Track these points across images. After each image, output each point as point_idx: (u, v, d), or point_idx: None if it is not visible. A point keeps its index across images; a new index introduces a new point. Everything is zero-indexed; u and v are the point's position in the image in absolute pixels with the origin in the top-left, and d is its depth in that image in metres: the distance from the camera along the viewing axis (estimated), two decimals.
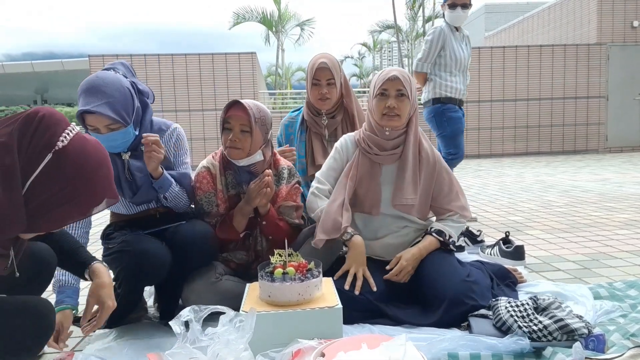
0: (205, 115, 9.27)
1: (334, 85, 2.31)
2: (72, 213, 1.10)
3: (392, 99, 1.82)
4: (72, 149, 1.07)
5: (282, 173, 1.95)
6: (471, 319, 1.60)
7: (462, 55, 3.53)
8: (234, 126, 1.80)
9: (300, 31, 19.09)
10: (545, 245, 2.82)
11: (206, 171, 1.90)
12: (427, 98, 3.59)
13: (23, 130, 1.05)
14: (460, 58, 3.51)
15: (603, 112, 9.96)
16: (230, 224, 1.84)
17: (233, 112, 1.80)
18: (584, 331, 1.42)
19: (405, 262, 1.81)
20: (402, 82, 1.81)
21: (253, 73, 9.50)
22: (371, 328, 1.63)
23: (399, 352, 1.19)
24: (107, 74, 1.65)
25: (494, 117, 9.84)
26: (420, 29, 17.16)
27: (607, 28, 9.84)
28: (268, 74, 24.21)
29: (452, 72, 3.50)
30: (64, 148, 1.06)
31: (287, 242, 1.67)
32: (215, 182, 1.89)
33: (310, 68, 2.31)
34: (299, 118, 2.46)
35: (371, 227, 1.96)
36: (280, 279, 1.48)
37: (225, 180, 1.90)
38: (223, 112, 1.82)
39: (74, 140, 1.08)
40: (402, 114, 1.84)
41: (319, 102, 2.33)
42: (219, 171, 1.90)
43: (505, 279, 1.98)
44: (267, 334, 1.40)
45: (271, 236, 1.90)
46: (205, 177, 1.88)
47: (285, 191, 1.93)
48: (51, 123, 1.07)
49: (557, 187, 5.25)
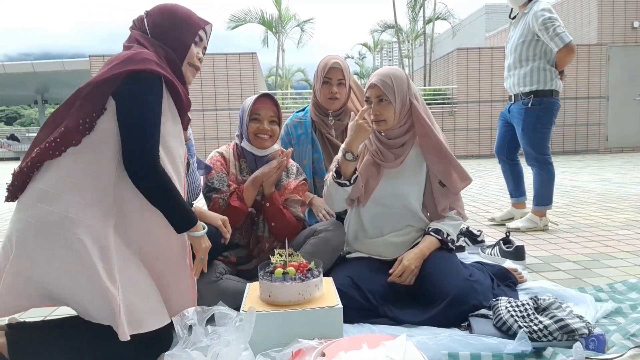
0: (205, 115, 9.27)
1: (343, 86, 2.33)
2: (184, 30, 1.51)
3: (374, 105, 1.87)
4: (152, 9, 1.52)
5: (290, 169, 2.08)
6: (471, 318, 1.60)
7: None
8: (264, 117, 1.93)
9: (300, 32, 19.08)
10: (546, 245, 2.82)
11: (220, 155, 2.02)
12: (538, 88, 3.08)
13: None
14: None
15: (603, 113, 9.97)
16: (240, 196, 1.90)
17: (263, 104, 1.94)
18: (584, 331, 1.42)
19: (407, 262, 1.81)
20: (382, 89, 1.84)
21: (253, 73, 9.51)
22: (371, 328, 1.63)
23: (399, 351, 1.19)
24: None
25: (494, 117, 9.84)
26: (420, 29, 17.16)
27: (607, 29, 9.85)
28: (269, 74, 24.22)
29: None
30: (148, 12, 1.52)
31: (289, 235, 1.76)
32: (229, 166, 2.00)
33: (322, 67, 2.32)
34: (307, 118, 2.43)
35: (377, 224, 1.97)
36: (281, 278, 1.48)
37: (239, 165, 2.01)
38: (252, 104, 1.94)
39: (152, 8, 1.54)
40: (387, 118, 1.87)
41: (328, 102, 2.33)
42: (233, 157, 2.02)
43: (505, 279, 1.98)
44: (268, 333, 1.39)
45: (273, 222, 1.94)
46: (219, 160, 2.00)
47: (293, 185, 2.03)
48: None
49: (558, 188, 5.23)
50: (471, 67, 9.86)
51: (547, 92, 3.08)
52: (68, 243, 1.25)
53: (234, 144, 2.06)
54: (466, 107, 9.92)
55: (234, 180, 1.97)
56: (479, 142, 9.94)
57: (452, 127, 9.87)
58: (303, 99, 12.37)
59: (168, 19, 1.50)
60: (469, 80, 9.87)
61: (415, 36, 18.99)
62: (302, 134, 2.39)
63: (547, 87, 3.08)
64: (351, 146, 1.81)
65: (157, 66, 1.36)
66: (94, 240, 1.27)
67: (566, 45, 2.94)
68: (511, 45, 3.22)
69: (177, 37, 1.49)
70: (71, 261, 1.25)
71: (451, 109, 10.00)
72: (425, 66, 14.11)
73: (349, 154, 1.81)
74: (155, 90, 1.36)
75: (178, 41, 1.49)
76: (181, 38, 1.50)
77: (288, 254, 1.58)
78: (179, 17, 1.52)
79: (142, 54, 1.36)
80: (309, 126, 2.41)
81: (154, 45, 1.46)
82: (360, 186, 1.91)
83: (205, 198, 1.99)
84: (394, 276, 1.80)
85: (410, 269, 1.80)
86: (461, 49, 10.05)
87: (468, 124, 9.93)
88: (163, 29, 1.49)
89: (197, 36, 1.54)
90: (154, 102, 1.36)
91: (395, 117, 1.88)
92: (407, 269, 1.80)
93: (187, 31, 1.52)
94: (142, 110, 1.33)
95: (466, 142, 9.98)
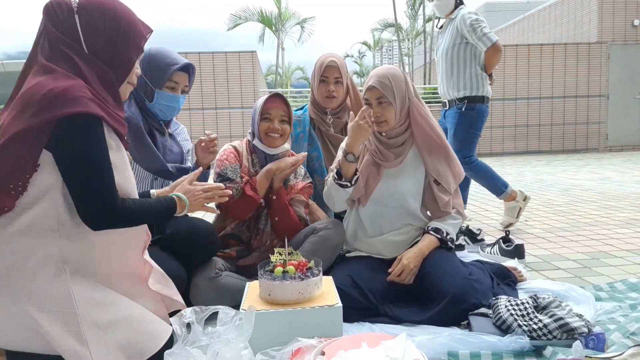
0: (205, 114, 9.26)
1: (341, 84, 2.32)
2: (130, 43, 1.23)
3: (374, 106, 1.87)
4: (87, 4, 1.19)
5: (299, 171, 2.11)
6: (471, 317, 1.60)
7: None
8: (274, 117, 1.95)
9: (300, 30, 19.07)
10: (546, 244, 2.82)
11: (233, 148, 2.04)
12: (471, 94, 3.15)
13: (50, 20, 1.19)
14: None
15: (603, 111, 9.95)
16: (253, 186, 1.91)
17: (273, 104, 1.95)
18: (583, 330, 1.42)
19: (406, 261, 1.81)
20: (381, 90, 1.85)
21: (253, 72, 9.49)
22: (371, 326, 1.63)
23: (399, 350, 1.19)
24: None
25: (494, 115, 9.83)
26: (420, 27, 17.15)
27: (607, 27, 9.83)
28: (268, 72, 24.21)
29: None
30: (80, 4, 1.19)
31: (290, 233, 1.81)
32: (242, 159, 2.02)
33: (319, 66, 2.32)
34: (306, 117, 2.43)
35: (377, 223, 1.97)
36: (281, 277, 1.48)
37: (252, 160, 2.04)
38: (262, 103, 1.95)
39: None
40: (388, 118, 1.88)
41: (326, 100, 2.33)
42: (246, 151, 2.05)
43: (505, 278, 1.98)
44: (267, 332, 1.40)
45: (277, 217, 1.96)
46: (233, 152, 2.02)
47: (300, 186, 2.06)
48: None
49: (558, 186, 5.25)
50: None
51: (479, 98, 3.17)
52: (19, 320, 1.12)
53: (246, 140, 2.09)
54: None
55: (247, 172, 1.99)
56: (480, 141, 9.94)
57: None
58: (303, 97, 12.36)
59: (111, 28, 1.20)
60: None
61: (415, 34, 18.98)
62: (300, 132, 2.39)
63: (478, 93, 3.16)
64: (352, 147, 1.81)
65: (92, 105, 1.13)
66: (51, 314, 1.12)
67: (493, 45, 3.03)
68: (441, 51, 3.30)
69: (121, 52, 1.22)
70: (28, 336, 1.13)
71: None
72: (425, 64, 14.11)
73: (350, 155, 1.81)
74: (94, 133, 1.15)
75: (122, 58, 1.23)
76: (126, 53, 1.23)
77: (288, 253, 1.59)
78: (124, 24, 1.22)
79: (71, 91, 1.11)
80: (307, 124, 2.40)
81: (91, 65, 1.18)
82: (361, 187, 1.91)
83: None
84: (393, 275, 1.80)
85: (409, 268, 1.80)
86: None
87: None
88: (105, 41, 1.20)
89: (140, 49, 1.27)
90: (98, 145, 1.16)
91: (396, 117, 1.88)
92: (406, 268, 1.80)
93: (132, 45, 1.24)
94: (88, 158, 1.14)
95: None
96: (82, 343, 1.12)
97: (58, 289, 1.14)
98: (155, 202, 1.34)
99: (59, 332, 1.12)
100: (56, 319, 1.13)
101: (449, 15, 3.24)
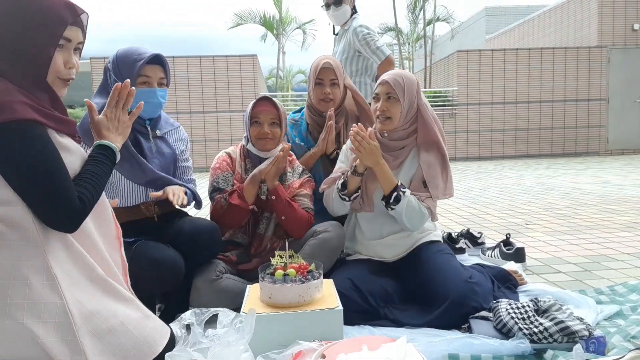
0: (206, 117, 9.28)
1: (337, 87, 2.26)
2: (42, 31, 1.07)
3: (383, 101, 1.89)
4: None
5: (296, 169, 2.09)
6: (472, 320, 1.60)
7: None
8: (264, 120, 1.94)
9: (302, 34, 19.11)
10: (546, 247, 2.82)
11: (227, 156, 2.06)
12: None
13: None
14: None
15: (604, 115, 9.96)
16: (240, 194, 1.89)
17: (262, 108, 1.94)
18: (584, 333, 1.42)
19: (375, 146, 1.79)
20: (392, 86, 1.87)
21: (254, 75, 9.51)
22: (372, 330, 1.63)
23: (400, 353, 1.19)
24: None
25: (494, 119, 9.85)
26: (421, 31, 17.17)
27: (607, 31, 9.85)
28: (269, 75, 24.24)
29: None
30: None
31: (300, 229, 1.86)
32: (234, 166, 2.03)
33: (314, 68, 2.27)
34: (303, 121, 2.39)
35: (375, 226, 1.97)
36: (281, 280, 1.48)
37: (245, 165, 2.04)
38: (250, 108, 1.95)
39: None
40: (393, 115, 1.89)
41: (322, 103, 2.27)
42: (240, 157, 2.05)
43: (505, 281, 1.98)
44: (268, 335, 1.40)
45: (284, 215, 1.92)
46: (226, 160, 2.04)
47: (297, 184, 2.04)
48: None
49: (558, 190, 5.25)
50: (471, 69, 9.86)
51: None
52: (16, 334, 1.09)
53: (241, 145, 2.09)
54: (467, 109, 9.92)
55: (239, 179, 1.98)
56: (479, 144, 9.94)
57: (452, 129, 9.86)
58: (304, 100, 12.37)
59: (17, 15, 1.05)
60: (469, 82, 9.87)
61: (416, 38, 19.00)
62: (297, 137, 2.36)
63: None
64: (360, 166, 1.85)
65: (22, 108, 1.03)
66: (47, 324, 1.10)
67: (387, 58, 3.09)
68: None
69: (30, 44, 1.07)
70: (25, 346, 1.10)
71: (452, 111, 9.99)
72: (426, 68, 14.12)
73: (356, 172, 1.86)
74: (31, 138, 1.05)
75: (32, 51, 1.08)
76: (38, 44, 1.08)
77: (288, 256, 1.59)
78: (33, 9, 1.06)
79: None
80: (304, 129, 2.37)
81: (8, 61, 1.06)
82: (359, 201, 1.94)
83: (210, 199, 1.99)
84: (359, 127, 1.80)
85: (370, 145, 1.78)
86: (461, 51, 10.06)
87: (468, 125, 9.92)
88: (9, 32, 1.05)
89: (61, 38, 1.11)
90: (47, 148, 1.07)
91: (401, 117, 1.89)
92: (369, 143, 1.78)
93: (45, 33, 1.08)
94: (35, 168, 1.05)
95: (466, 144, 9.97)
96: (78, 353, 1.12)
97: (52, 299, 1.12)
98: (94, 167, 1.21)
99: (55, 342, 1.10)
100: (52, 329, 1.11)
101: (344, 25, 3.23)
